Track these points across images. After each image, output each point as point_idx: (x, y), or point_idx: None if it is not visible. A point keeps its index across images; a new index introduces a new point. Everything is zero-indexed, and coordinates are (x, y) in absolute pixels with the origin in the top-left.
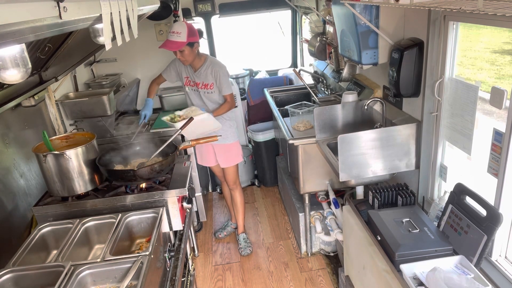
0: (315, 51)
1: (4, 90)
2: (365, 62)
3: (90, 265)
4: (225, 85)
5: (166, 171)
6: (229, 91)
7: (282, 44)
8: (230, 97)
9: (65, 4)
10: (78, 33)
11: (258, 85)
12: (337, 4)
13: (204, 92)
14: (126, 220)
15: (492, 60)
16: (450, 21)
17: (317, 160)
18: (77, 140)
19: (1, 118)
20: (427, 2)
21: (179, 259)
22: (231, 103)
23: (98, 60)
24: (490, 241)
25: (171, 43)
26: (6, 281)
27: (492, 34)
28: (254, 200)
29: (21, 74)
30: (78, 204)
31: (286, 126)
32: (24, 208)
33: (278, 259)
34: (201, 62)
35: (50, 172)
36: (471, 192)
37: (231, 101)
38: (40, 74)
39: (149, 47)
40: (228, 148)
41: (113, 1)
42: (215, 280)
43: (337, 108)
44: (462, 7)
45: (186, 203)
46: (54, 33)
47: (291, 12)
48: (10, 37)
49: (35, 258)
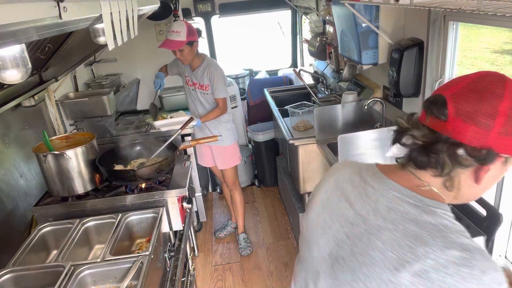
0: (315, 51)
1: (4, 90)
2: (365, 62)
3: (90, 265)
4: (218, 88)
5: (166, 171)
6: (221, 95)
7: (282, 44)
8: (222, 102)
9: (65, 4)
10: (78, 33)
11: (258, 85)
12: (337, 4)
13: (201, 93)
14: (126, 220)
15: (492, 60)
16: (450, 21)
17: (317, 160)
18: (77, 140)
19: (1, 118)
20: (427, 2)
21: (179, 259)
22: (223, 109)
23: (98, 60)
24: (490, 241)
25: (170, 42)
26: (6, 281)
27: (492, 34)
28: (254, 200)
29: (21, 74)
30: (78, 204)
31: (286, 126)
32: (24, 208)
33: (278, 259)
34: (199, 62)
35: (50, 172)
36: None
37: (222, 106)
38: (40, 74)
39: (149, 47)
40: (225, 151)
41: (113, 1)
42: (215, 280)
43: (337, 108)
44: (462, 7)
45: (186, 203)
46: (54, 33)
47: (291, 12)
48: (10, 37)
49: (35, 258)
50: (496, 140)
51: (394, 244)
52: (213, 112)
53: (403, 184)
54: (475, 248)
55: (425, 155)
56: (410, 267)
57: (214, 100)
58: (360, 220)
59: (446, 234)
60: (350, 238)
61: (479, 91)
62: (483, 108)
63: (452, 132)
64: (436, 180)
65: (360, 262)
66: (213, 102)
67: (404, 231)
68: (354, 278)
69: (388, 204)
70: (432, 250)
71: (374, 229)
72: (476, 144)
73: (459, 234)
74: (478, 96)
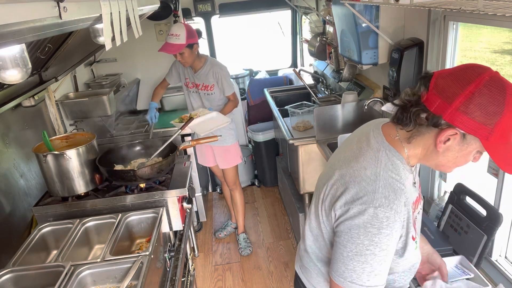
0: (315, 51)
1: (4, 90)
2: (365, 62)
3: (90, 265)
4: (227, 85)
5: (166, 171)
6: (231, 90)
7: (282, 44)
8: (233, 96)
9: (65, 4)
10: (78, 33)
11: (258, 85)
12: (337, 4)
13: (204, 94)
14: (126, 220)
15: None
16: (450, 21)
17: (317, 160)
18: (77, 140)
19: (1, 118)
20: (427, 2)
21: (179, 259)
22: (235, 101)
23: (98, 60)
24: (490, 241)
25: (170, 46)
26: (6, 281)
27: (492, 34)
28: (254, 200)
29: (21, 74)
30: (78, 204)
31: (286, 126)
32: (24, 208)
33: (278, 259)
34: (201, 63)
35: (50, 172)
36: (471, 192)
37: (234, 99)
38: (40, 74)
39: (149, 47)
40: (226, 150)
41: (113, 1)
42: (215, 280)
43: (337, 108)
44: (462, 7)
45: (186, 203)
46: (54, 33)
47: (291, 12)
48: (10, 37)
49: (35, 258)
50: (454, 114)
51: (347, 155)
52: (229, 105)
53: (385, 132)
54: (386, 178)
55: (401, 113)
56: (341, 170)
57: (218, 99)
58: (345, 158)
59: (373, 162)
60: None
61: (457, 75)
62: (453, 87)
63: (426, 100)
64: (405, 134)
65: (330, 167)
66: (216, 103)
67: (357, 151)
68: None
69: (365, 141)
70: (356, 165)
71: (342, 155)
72: (436, 112)
73: (383, 167)
74: (454, 78)
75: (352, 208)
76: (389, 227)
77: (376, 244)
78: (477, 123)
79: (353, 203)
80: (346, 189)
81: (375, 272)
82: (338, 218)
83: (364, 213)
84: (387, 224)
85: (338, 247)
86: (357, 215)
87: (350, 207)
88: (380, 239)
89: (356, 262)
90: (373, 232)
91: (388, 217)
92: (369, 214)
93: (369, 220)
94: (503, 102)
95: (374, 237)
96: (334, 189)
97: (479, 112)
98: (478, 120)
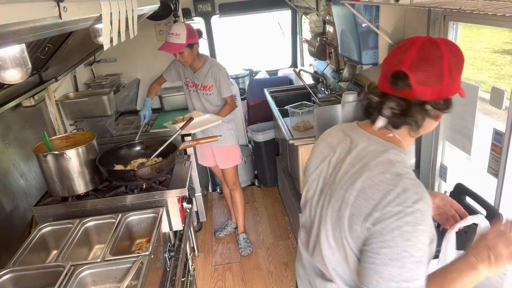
0: (315, 51)
1: (4, 90)
2: (365, 62)
3: (90, 265)
4: (224, 87)
5: (166, 171)
6: (229, 93)
7: (282, 44)
8: (230, 99)
9: (65, 4)
10: (78, 33)
11: (258, 85)
12: (337, 4)
13: (203, 94)
14: (126, 220)
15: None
16: (450, 21)
17: None
18: (77, 140)
19: (1, 118)
20: (427, 2)
21: (179, 259)
22: (232, 105)
23: (98, 60)
24: None
25: (170, 45)
26: (6, 281)
27: (492, 34)
28: (254, 200)
29: (21, 74)
30: (78, 204)
31: (286, 126)
32: (24, 208)
33: (278, 259)
34: (201, 63)
35: (50, 172)
36: (471, 192)
37: (231, 103)
38: (40, 74)
39: (149, 47)
40: (226, 150)
41: (113, 1)
42: (215, 280)
43: (337, 108)
44: (462, 7)
45: (186, 203)
46: (54, 33)
47: (291, 12)
48: (10, 37)
49: (35, 258)
50: (448, 89)
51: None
52: (225, 109)
53: (373, 133)
54: (406, 174)
55: (402, 118)
56: (355, 184)
57: (217, 100)
58: (339, 161)
59: (387, 164)
60: (331, 174)
61: (426, 59)
62: (434, 72)
63: (418, 96)
64: (404, 131)
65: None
66: (215, 103)
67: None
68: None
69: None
70: (371, 173)
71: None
72: (435, 98)
73: (398, 166)
74: (428, 64)
75: (385, 213)
76: (424, 222)
77: (413, 244)
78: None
79: (385, 209)
80: (371, 200)
81: (414, 277)
82: (370, 229)
83: (400, 214)
84: (422, 219)
85: (368, 255)
86: (392, 218)
87: (382, 213)
88: (417, 236)
89: (392, 268)
90: (409, 230)
91: (423, 211)
92: (405, 213)
93: (404, 220)
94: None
95: (410, 235)
96: (356, 207)
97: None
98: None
